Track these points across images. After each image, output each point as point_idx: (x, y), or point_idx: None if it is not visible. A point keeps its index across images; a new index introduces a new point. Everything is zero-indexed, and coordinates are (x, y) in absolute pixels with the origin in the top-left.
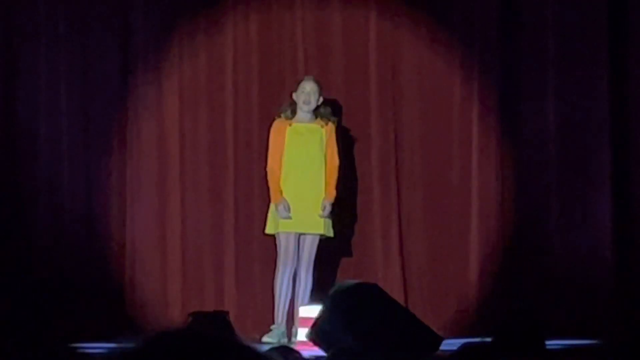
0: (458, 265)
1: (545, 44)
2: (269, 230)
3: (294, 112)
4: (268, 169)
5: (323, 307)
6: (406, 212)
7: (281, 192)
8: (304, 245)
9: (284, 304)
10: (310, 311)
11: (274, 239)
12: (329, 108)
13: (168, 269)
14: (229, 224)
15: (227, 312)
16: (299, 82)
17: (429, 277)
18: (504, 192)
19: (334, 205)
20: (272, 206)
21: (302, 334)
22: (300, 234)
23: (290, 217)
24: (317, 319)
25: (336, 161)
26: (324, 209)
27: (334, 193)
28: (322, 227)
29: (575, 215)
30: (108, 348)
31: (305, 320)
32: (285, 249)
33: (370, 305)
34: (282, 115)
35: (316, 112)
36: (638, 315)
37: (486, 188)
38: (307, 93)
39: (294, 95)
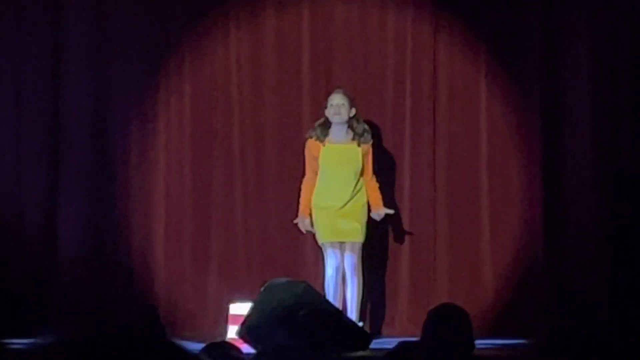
0: (391, 262)
1: (478, 48)
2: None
3: (324, 132)
4: (302, 185)
5: (253, 305)
6: None
7: (309, 209)
8: (346, 252)
9: (337, 300)
10: (240, 309)
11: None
12: (364, 124)
13: (99, 263)
14: (160, 222)
15: (157, 307)
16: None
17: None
18: (436, 188)
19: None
20: (315, 217)
21: (232, 331)
22: (341, 243)
23: (311, 231)
24: (247, 317)
25: (375, 182)
26: (379, 216)
27: (382, 207)
28: (361, 235)
29: (506, 216)
30: (30, 344)
31: (234, 317)
32: (332, 255)
33: (300, 303)
34: (313, 135)
35: (350, 126)
36: (567, 314)
37: (419, 186)
38: (336, 105)
39: (326, 112)
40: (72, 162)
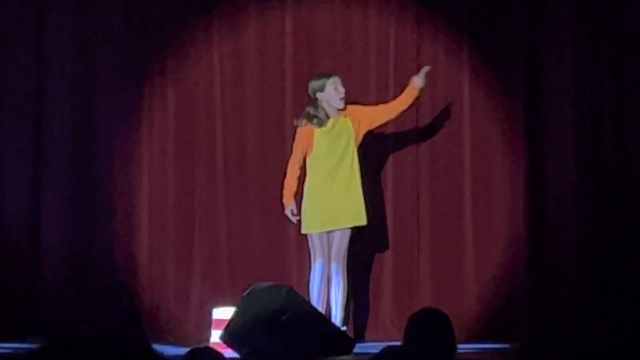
0: (375, 266)
1: (461, 44)
2: (304, 230)
3: (316, 117)
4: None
5: (236, 309)
6: None
7: (294, 195)
8: (332, 256)
9: (320, 304)
10: (224, 313)
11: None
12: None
13: (83, 267)
14: (143, 226)
15: (140, 312)
16: (319, 80)
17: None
18: (418, 186)
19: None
20: (304, 206)
21: (215, 336)
22: (329, 232)
23: (295, 220)
24: (231, 321)
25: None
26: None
27: None
28: (363, 217)
29: (489, 220)
30: (15, 348)
31: (218, 322)
32: (320, 259)
33: (283, 307)
34: (305, 122)
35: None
36: (550, 319)
37: (402, 191)
38: (344, 92)
39: (320, 95)
40: (55, 167)
